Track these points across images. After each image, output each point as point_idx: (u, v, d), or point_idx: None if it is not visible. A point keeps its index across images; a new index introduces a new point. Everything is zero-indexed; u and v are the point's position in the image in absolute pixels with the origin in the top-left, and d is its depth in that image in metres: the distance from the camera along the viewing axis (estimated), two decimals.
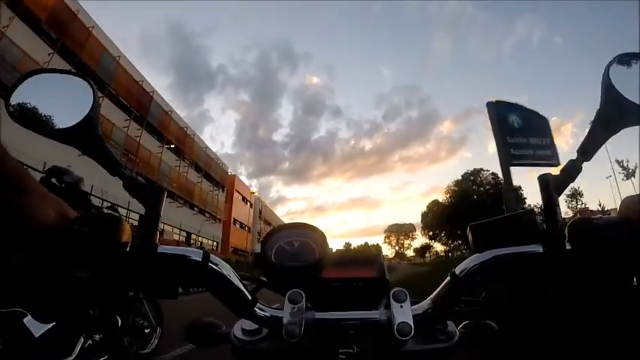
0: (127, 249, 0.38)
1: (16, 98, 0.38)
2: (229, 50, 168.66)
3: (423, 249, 75.64)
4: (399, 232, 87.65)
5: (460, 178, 51.77)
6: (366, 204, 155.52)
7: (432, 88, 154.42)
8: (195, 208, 26.31)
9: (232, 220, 34.26)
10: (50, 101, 0.40)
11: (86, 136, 0.39)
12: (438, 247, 62.88)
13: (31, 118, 0.38)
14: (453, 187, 51.27)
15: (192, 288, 0.41)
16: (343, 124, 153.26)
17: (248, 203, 41.69)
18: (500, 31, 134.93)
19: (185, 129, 24.85)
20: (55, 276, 0.36)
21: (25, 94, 0.39)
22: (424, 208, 60.91)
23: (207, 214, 28.34)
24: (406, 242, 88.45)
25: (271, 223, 49.54)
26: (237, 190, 37.03)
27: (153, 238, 0.39)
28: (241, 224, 38.14)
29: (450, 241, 55.19)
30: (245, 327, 0.48)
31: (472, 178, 50.35)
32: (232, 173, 37.93)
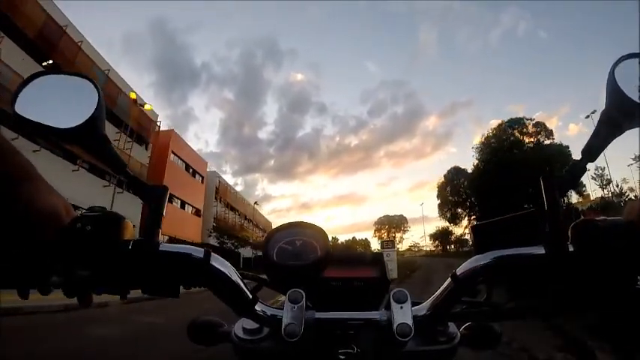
0: (129, 247, 0.38)
1: (21, 101, 0.39)
2: (212, 47, 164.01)
3: (442, 235, 54.72)
4: (390, 224, 78.45)
5: (490, 132, 36.02)
6: (353, 200, 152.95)
7: (418, 83, 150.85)
8: (84, 164, 15.80)
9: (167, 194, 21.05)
10: (55, 102, 0.40)
11: (91, 136, 0.39)
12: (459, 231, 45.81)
13: (36, 120, 0.38)
14: (491, 140, 35.33)
15: (193, 287, 0.41)
16: (329, 121, 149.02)
17: (198, 177, 30.38)
18: (486, 25, 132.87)
19: (64, 27, 15.33)
20: (55, 273, 0.36)
21: (30, 96, 0.39)
22: (442, 179, 43.78)
23: (107, 178, 17.73)
24: (398, 235, 77.24)
25: (237, 208, 38.52)
26: (175, 153, 25.64)
27: (155, 237, 0.39)
28: (184, 203, 26.80)
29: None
30: (246, 326, 0.48)
31: (510, 130, 35.69)
32: (166, 127, 25.94)
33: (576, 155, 0.39)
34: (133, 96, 19.50)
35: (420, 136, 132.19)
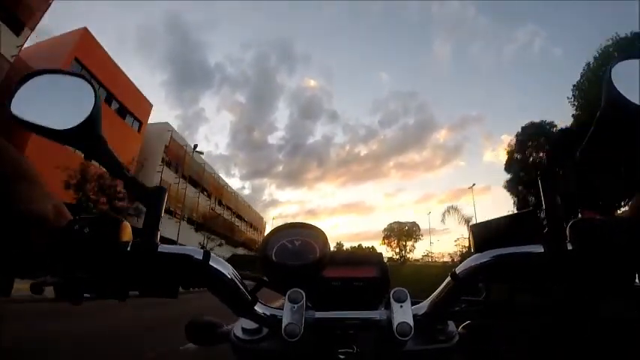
0: (128, 249, 0.38)
1: (17, 100, 0.38)
2: (225, 49, 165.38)
3: None
4: (401, 229, 78.81)
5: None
6: (360, 209, 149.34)
7: (430, 94, 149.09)
8: None
9: None
10: (52, 102, 0.40)
11: (88, 137, 0.39)
12: None
13: (32, 120, 0.38)
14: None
15: (192, 288, 0.41)
16: (339, 129, 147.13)
17: (131, 120, 20.64)
18: (500, 39, 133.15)
19: None
20: (52, 275, 0.36)
21: (26, 95, 0.39)
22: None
23: None
24: (409, 243, 78.45)
25: (204, 186, 29.69)
26: (82, 64, 15.93)
27: (154, 238, 0.39)
28: None
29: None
30: (245, 326, 0.48)
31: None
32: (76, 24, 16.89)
33: None
34: None
35: (430, 148, 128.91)
